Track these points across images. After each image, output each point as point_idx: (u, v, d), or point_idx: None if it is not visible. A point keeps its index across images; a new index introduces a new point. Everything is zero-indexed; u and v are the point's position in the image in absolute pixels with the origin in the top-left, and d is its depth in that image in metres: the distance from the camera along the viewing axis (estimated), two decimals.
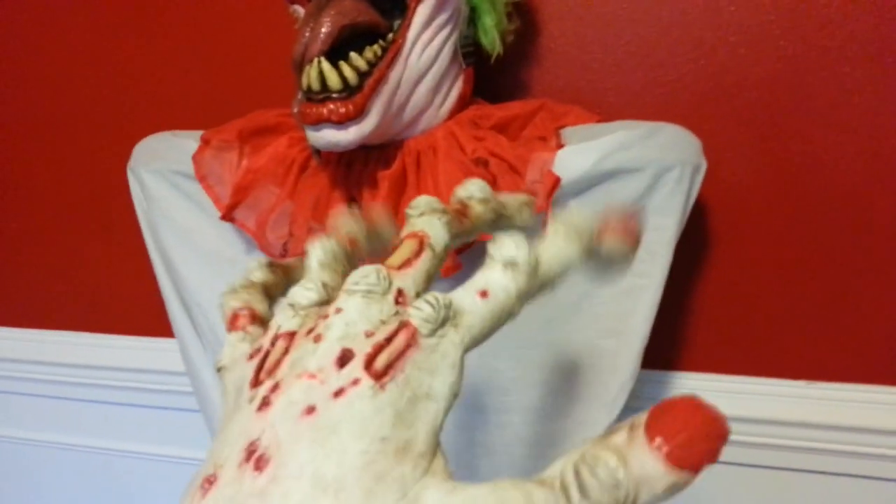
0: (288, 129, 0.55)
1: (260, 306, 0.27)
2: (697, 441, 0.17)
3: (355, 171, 0.52)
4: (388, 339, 0.20)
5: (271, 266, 0.29)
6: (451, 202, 0.26)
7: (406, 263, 0.23)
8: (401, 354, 0.20)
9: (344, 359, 0.20)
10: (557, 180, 0.49)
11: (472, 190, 0.26)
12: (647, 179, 0.50)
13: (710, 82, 0.60)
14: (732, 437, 0.17)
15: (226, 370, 0.24)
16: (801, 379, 0.62)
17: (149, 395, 0.82)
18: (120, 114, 0.78)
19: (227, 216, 0.54)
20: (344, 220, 0.27)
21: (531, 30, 0.63)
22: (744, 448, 0.61)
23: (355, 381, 0.19)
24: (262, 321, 0.26)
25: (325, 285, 0.24)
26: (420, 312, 0.21)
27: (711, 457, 0.17)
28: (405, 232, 0.24)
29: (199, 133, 0.58)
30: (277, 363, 0.21)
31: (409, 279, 0.22)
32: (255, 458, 0.19)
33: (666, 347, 0.64)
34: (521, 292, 0.22)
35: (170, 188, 0.59)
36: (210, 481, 0.19)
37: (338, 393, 0.19)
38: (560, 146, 0.52)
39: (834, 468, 0.61)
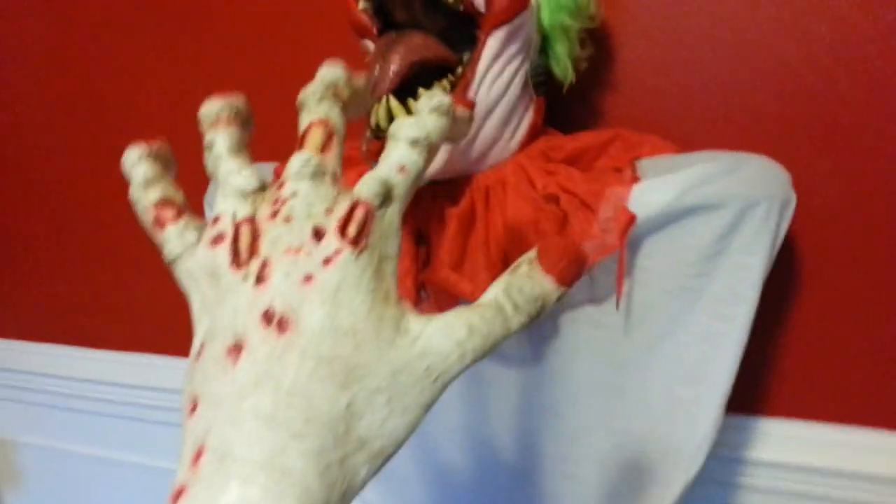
0: (357, 163, 0.55)
1: (177, 196, 0.28)
2: (571, 266, 0.26)
3: (423, 206, 0.51)
4: (350, 214, 0.24)
5: (151, 157, 0.29)
6: (318, 85, 0.28)
7: (324, 148, 0.26)
8: (364, 225, 0.24)
9: (318, 234, 0.24)
10: (632, 218, 0.47)
11: (337, 75, 0.28)
12: (730, 216, 0.47)
13: (797, 107, 0.57)
14: (824, 492, 0.16)
15: (180, 258, 0.26)
16: None
17: None
18: (166, 136, 0.80)
19: None
20: (213, 105, 0.29)
21: (605, 56, 0.61)
22: None
23: (338, 251, 0.24)
24: (188, 211, 0.28)
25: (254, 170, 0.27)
26: (369, 189, 0.25)
27: (579, 275, 0.26)
28: (307, 116, 0.27)
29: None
30: (254, 245, 0.25)
31: (333, 163, 0.26)
32: (276, 321, 0.23)
33: (750, 391, 0.60)
34: (426, 165, 0.27)
35: None
36: (237, 348, 0.23)
37: (326, 261, 0.24)
38: (635, 179, 0.49)
39: None
